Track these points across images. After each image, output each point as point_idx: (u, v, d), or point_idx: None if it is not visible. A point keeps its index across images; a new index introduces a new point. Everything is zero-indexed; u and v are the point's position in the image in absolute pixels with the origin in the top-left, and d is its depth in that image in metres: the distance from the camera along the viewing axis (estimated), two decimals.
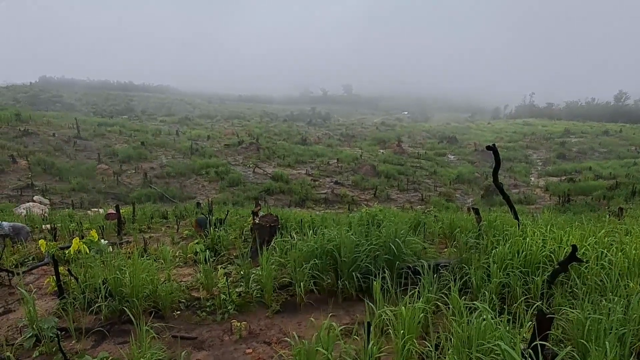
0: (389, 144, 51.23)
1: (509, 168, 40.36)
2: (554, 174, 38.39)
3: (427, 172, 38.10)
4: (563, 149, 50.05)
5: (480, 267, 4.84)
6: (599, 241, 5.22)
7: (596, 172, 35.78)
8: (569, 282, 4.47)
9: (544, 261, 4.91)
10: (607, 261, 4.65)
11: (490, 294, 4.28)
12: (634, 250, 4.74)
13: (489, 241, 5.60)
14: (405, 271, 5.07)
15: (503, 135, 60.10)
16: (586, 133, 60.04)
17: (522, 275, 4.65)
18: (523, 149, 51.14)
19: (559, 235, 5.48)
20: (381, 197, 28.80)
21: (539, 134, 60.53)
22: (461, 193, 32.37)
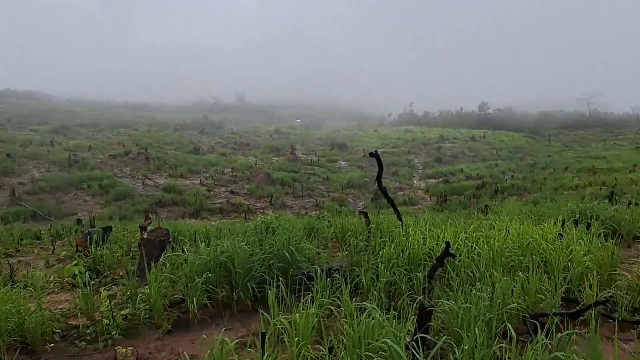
0: (283, 151, 51.65)
1: (395, 172, 43.20)
2: (432, 176, 41.95)
3: (321, 178, 39.13)
4: (439, 153, 54.94)
5: (369, 268, 5.09)
6: (469, 236, 5.83)
7: (467, 173, 39.92)
8: (446, 275, 4.92)
9: (425, 258, 5.35)
10: (476, 254, 5.21)
11: (379, 292, 4.54)
12: (497, 243, 5.39)
13: (377, 243, 5.93)
14: (299, 277, 5.14)
15: (388, 142, 64.17)
16: (457, 139, 66.72)
17: (406, 273, 5.00)
18: (406, 154, 55.11)
19: (436, 233, 6.01)
20: (277, 205, 28.88)
21: (419, 139, 65.77)
22: (353, 197, 33.80)
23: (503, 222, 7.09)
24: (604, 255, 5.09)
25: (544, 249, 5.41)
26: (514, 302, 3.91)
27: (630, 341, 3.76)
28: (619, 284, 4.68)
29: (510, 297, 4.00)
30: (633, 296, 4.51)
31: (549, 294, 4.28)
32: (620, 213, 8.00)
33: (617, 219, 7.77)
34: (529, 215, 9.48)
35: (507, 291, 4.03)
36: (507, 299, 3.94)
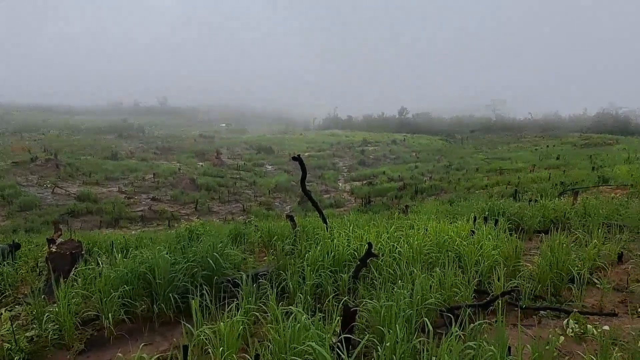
0: (208, 156, 50.33)
1: (320, 175, 43.85)
2: (357, 178, 43.16)
3: (247, 182, 38.64)
4: (363, 156, 56.66)
5: (296, 271, 5.10)
6: (390, 236, 6.07)
7: (389, 175, 41.54)
8: (369, 275, 5.07)
9: (350, 259, 5.47)
10: (398, 253, 5.44)
11: (305, 295, 4.57)
12: (416, 241, 5.66)
13: (303, 246, 5.96)
14: (225, 285, 5.02)
15: (314, 145, 65.02)
16: (380, 142, 69.37)
17: (332, 274, 5.09)
18: (331, 157, 56.15)
19: (360, 234, 6.19)
20: (202, 211, 28.05)
21: (343, 143, 67.40)
22: (280, 201, 33.77)
23: (422, 221, 7.46)
24: (510, 249, 5.55)
25: (458, 245, 5.77)
26: (432, 297, 4.13)
27: (532, 326, 4.12)
28: (523, 274, 5.13)
29: (429, 292, 4.21)
30: (534, 285, 4.97)
31: (463, 287, 4.57)
32: (523, 209, 8.78)
33: (520, 214, 8.52)
34: (445, 214, 10.08)
35: (426, 287, 4.24)
36: (426, 294, 4.14)
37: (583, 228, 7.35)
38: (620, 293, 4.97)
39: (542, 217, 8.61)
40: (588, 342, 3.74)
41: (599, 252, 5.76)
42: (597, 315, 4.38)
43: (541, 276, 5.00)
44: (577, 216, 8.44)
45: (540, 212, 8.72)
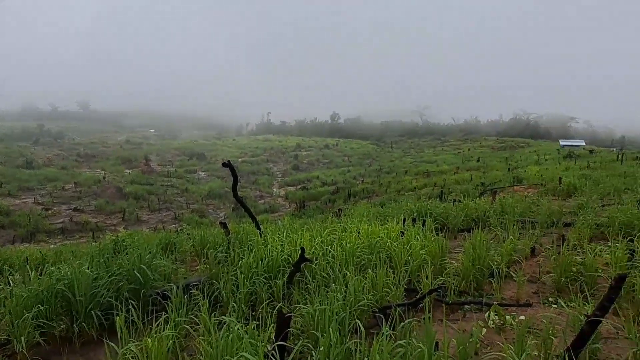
0: (136, 163, 47.99)
1: (255, 181, 43.43)
2: (291, 183, 43.28)
3: (179, 190, 37.36)
4: (296, 161, 56.95)
5: (229, 279, 4.99)
6: (324, 240, 6.13)
7: (322, 180, 42.11)
8: (304, 279, 5.08)
9: (284, 264, 5.45)
10: (331, 256, 5.50)
11: (239, 304, 4.48)
12: (349, 244, 5.76)
13: (236, 253, 5.85)
14: (154, 298, 4.79)
15: (247, 151, 64.32)
16: (312, 147, 70.10)
17: (266, 281, 5.03)
18: (265, 162, 55.86)
19: (294, 239, 6.19)
20: (130, 221, 26.69)
21: (277, 148, 67.36)
22: (213, 208, 32.98)
23: (354, 224, 7.62)
24: (436, 248, 5.83)
25: (389, 246, 5.96)
26: (364, 298, 4.22)
27: (458, 321, 4.36)
28: (448, 271, 5.40)
29: (362, 293, 4.30)
30: (459, 281, 5.25)
31: (394, 286, 4.72)
32: (448, 210, 9.28)
33: (446, 215, 8.99)
34: (377, 216, 10.37)
35: (359, 288, 4.33)
36: (359, 296, 4.23)
37: (501, 225, 7.91)
38: (533, 284, 5.39)
39: (465, 217, 9.15)
40: (507, 332, 4.01)
41: (515, 247, 6.22)
42: (514, 307, 4.71)
43: (465, 272, 5.29)
44: (495, 214, 9.06)
45: (463, 212, 9.26)
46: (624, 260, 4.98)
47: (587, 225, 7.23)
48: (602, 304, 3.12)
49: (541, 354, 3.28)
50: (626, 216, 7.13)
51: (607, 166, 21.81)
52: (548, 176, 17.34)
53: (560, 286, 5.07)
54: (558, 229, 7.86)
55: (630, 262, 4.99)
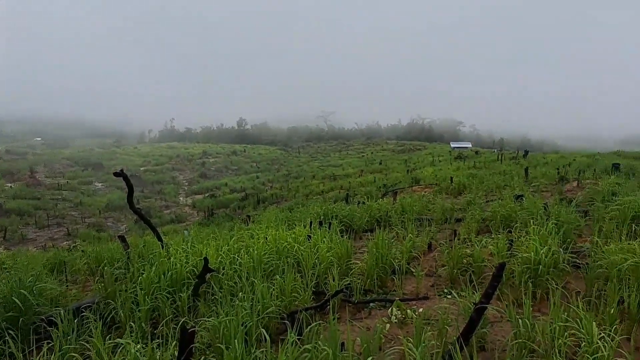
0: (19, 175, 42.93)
1: (159, 191, 41.25)
2: (198, 191, 41.84)
3: (72, 203, 34.20)
4: (204, 168, 55.22)
5: (128, 298, 4.66)
6: (231, 248, 5.99)
7: (231, 187, 41.31)
8: (210, 290, 4.91)
9: (189, 277, 5.22)
10: (238, 264, 5.39)
11: (140, 323, 4.19)
12: (256, 251, 5.70)
13: (135, 268, 5.48)
14: (38, 325, 4.30)
15: (150, 159, 60.88)
16: (220, 153, 68.47)
17: (170, 295, 4.78)
18: (170, 171, 53.35)
19: (199, 249, 5.97)
20: (14, 240, 23.80)
21: (182, 156, 64.68)
22: (113, 221, 30.72)
23: (262, 230, 7.56)
24: (342, 249, 5.99)
25: (296, 250, 6.00)
26: (272, 305, 4.19)
27: (364, 319, 4.52)
28: (354, 271, 5.58)
29: (270, 300, 4.27)
30: (364, 280, 5.45)
31: (302, 291, 4.76)
32: (353, 211, 9.60)
33: (351, 216, 9.29)
34: (285, 221, 10.40)
35: (267, 295, 4.30)
36: (267, 303, 4.19)
37: (401, 224, 8.37)
38: (431, 278, 5.78)
39: (369, 217, 9.54)
40: (408, 325, 4.24)
41: (414, 244, 6.62)
42: (414, 300, 5.01)
43: (369, 271, 5.51)
44: (396, 214, 9.57)
45: (367, 213, 9.65)
46: (504, 250, 5.55)
47: (475, 219, 7.95)
48: (486, 292, 3.44)
49: (437, 343, 3.52)
50: (506, 210, 7.95)
51: (490, 165, 24.24)
52: (441, 176, 18.79)
53: (454, 278, 5.50)
54: (451, 224, 8.54)
55: (510, 251, 5.57)
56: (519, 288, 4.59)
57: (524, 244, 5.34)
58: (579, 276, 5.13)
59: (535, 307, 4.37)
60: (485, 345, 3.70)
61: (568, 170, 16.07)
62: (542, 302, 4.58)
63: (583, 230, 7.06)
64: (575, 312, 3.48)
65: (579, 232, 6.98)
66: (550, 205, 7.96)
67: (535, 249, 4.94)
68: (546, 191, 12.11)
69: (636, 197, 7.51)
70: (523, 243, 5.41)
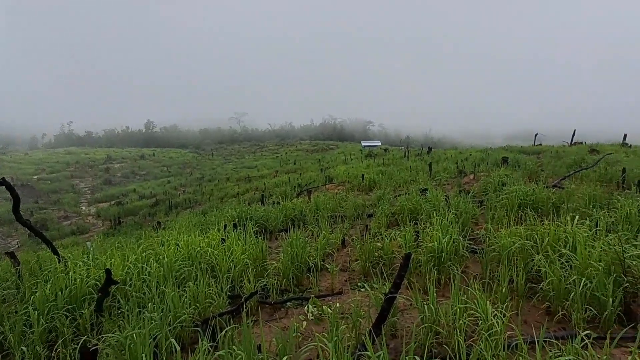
0: None
1: (57, 200, 37.75)
2: (103, 199, 38.89)
3: None
4: (108, 174, 51.52)
5: (19, 319, 4.19)
6: (138, 257, 5.65)
7: (140, 193, 38.98)
8: (116, 304, 4.58)
9: (92, 291, 4.83)
10: (147, 273, 5.10)
11: (33, 346, 3.81)
12: (166, 258, 5.43)
13: (27, 287, 4.95)
14: None
15: (45, 166, 55.37)
16: (126, 158, 64.32)
17: (69, 313, 4.38)
18: (68, 178, 49.03)
19: (102, 261, 5.54)
20: None
21: (83, 162, 59.77)
22: (2, 236, 27.48)
23: (172, 236, 7.23)
24: (257, 250, 5.94)
25: (210, 255, 5.82)
26: (185, 313, 4.03)
27: (282, 319, 4.52)
28: (269, 272, 5.56)
29: (182, 309, 4.10)
30: (280, 280, 5.45)
31: (217, 296, 4.63)
32: (268, 212, 9.56)
33: (266, 217, 9.24)
34: (199, 226, 10.06)
35: (178, 304, 4.12)
36: (178, 312, 4.02)
37: (315, 222, 8.51)
38: (345, 273, 5.95)
39: (285, 217, 9.57)
40: (325, 321, 4.32)
41: (328, 241, 6.76)
42: (330, 296, 5.11)
43: (285, 271, 5.52)
44: (311, 212, 9.71)
45: (282, 213, 9.66)
46: (411, 241, 5.88)
47: (384, 214, 8.32)
48: (395, 282, 3.61)
49: (352, 335, 3.62)
50: (412, 203, 8.43)
51: (397, 162, 25.50)
52: (353, 174, 19.38)
53: (366, 271, 5.71)
54: (363, 220, 8.85)
55: (416, 242, 5.92)
56: (425, 276, 4.89)
57: (428, 235, 5.70)
58: (476, 260, 5.60)
59: (439, 293, 4.68)
60: (396, 332, 3.89)
61: (465, 164, 17.44)
62: (446, 287, 4.92)
63: (479, 219, 7.72)
64: (473, 294, 3.79)
65: (476, 220, 7.61)
66: (450, 197, 8.58)
67: (438, 238, 5.30)
68: (447, 184, 13.03)
69: (521, 186, 8.38)
70: (428, 233, 5.77)
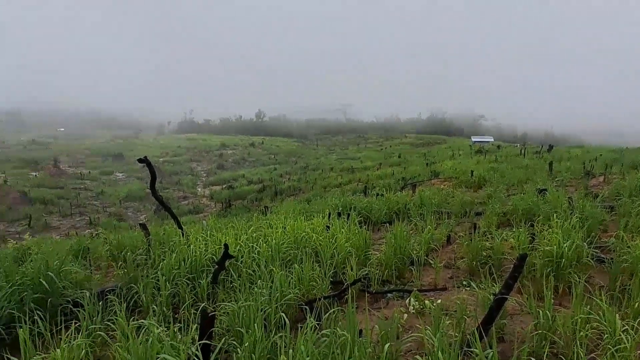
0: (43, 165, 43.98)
1: (178, 182, 41.79)
2: (216, 183, 42.23)
3: (94, 192, 34.94)
4: (221, 160, 55.71)
5: (149, 282, 4.76)
6: (249, 237, 6.05)
7: (248, 178, 41.58)
8: (229, 278, 4.97)
9: (208, 264, 5.30)
10: (257, 253, 5.45)
11: (161, 307, 4.28)
12: (274, 240, 5.74)
13: (156, 255, 5.58)
14: (64, 307, 4.43)
15: (169, 150, 61.68)
16: (238, 145, 68.92)
17: (189, 282, 4.86)
18: (188, 162, 53.98)
19: (218, 238, 6.04)
20: (37, 228, 24.44)
21: (201, 147, 65.37)
22: (133, 211, 31.28)
23: (280, 220, 7.61)
24: (360, 240, 6.00)
25: (314, 240, 6.03)
26: (290, 292, 4.23)
27: (381, 308, 4.51)
28: (372, 262, 5.59)
29: (288, 288, 4.31)
30: (382, 270, 5.45)
31: (320, 280, 4.78)
32: (371, 203, 9.58)
33: (369, 208, 9.28)
34: (303, 212, 10.44)
35: (285, 283, 4.33)
36: (285, 291, 4.23)
37: (420, 216, 8.32)
38: (449, 270, 5.75)
39: (388, 209, 9.51)
40: (426, 316, 4.23)
41: (432, 236, 6.58)
42: (432, 291, 4.99)
43: (387, 262, 5.51)
44: (415, 206, 9.52)
45: (385, 205, 9.61)
46: (526, 243, 5.47)
47: (495, 213, 7.84)
48: (507, 282, 3.39)
49: (456, 333, 3.50)
50: (527, 204, 7.82)
51: (512, 160, 23.82)
52: (461, 170, 18.55)
53: (473, 270, 5.45)
54: (470, 217, 8.45)
55: (531, 245, 5.49)
56: (540, 281, 4.52)
57: (546, 238, 5.25)
58: (602, 270, 5.03)
59: (556, 301, 4.30)
60: (504, 336, 3.67)
61: (594, 165, 15.68)
62: (564, 296, 4.51)
63: (608, 225, 6.91)
64: (598, 305, 3.42)
65: (604, 227, 6.83)
66: (574, 200, 7.80)
67: (558, 242, 4.85)
68: (570, 186, 11.86)
69: None
70: (545, 237, 5.32)
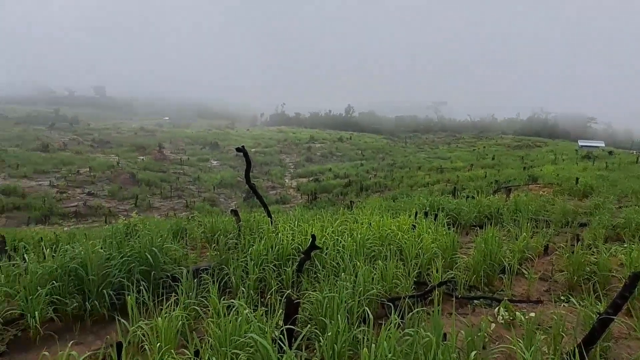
0: (149, 150, 48.48)
1: (267, 172, 43.56)
2: (303, 175, 43.29)
3: (191, 178, 37.67)
4: (309, 153, 56.93)
5: (239, 266, 5.03)
6: (335, 230, 6.13)
7: (335, 172, 42.03)
8: (313, 268, 5.09)
9: (294, 253, 5.47)
10: (342, 246, 5.50)
11: (249, 290, 4.51)
12: (359, 235, 5.76)
13: (246, 240, 5.88)
14: (164, 280, 4.86)
15: (260, 141, 64.46)
16: (326, 139, 69.90)
17: (276, 269, 5.06)
18: (277, 153, 55.96)
19: (304, 229, 6.20)
20: (142, 207, 27.00)
21: (290, 140, 67.38)
22: (224, 197, 33.20)
23: (365, 216, 7.61)
24: (447, 242, 5.79)
25: (399, 238, 5.94)
26: (373, 288, 4.22)
27: (467, 314, 4.33)
28: (459, 266, 5.37)
29: (371, 284, 4.30)
30: (469, 275, 5.22)
31: (404, 278, 4.71)
32: (460, 205, 9.20)
33: (458, 210, 8.92)
34: (388, 209, 10.33)
35: (368, 279, 4.33)
36: (368, 286, 4.23)
37: (514, 223, 7.81)
38: (545, 282, 5.33)
39: (478, 213, 9.06)
40: (516, 328, 3.97)
41: (528, 245, 6.15)
42: (524, 303, 4.67)
43: (475, 267, 5.26)
44: (508, 212, 8.96)
45: (476, 208, 9.17)
46: (639, 261, 4.90)
47: (603, 225, 7.11)
48: (615, 302, 3.07)
49: (550, 350, 3.24)
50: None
51: (626, 168, 21.39)
52: (564, 176, 17.07)
53: (573, 285, 5.01)
54: (572, 228, 7.74)
55: None
56: None
57: None
58: None
59: None
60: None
61: None
62: None
63: None
64: None
65: None
66: None
67: None
68: None
69: None
70: None
